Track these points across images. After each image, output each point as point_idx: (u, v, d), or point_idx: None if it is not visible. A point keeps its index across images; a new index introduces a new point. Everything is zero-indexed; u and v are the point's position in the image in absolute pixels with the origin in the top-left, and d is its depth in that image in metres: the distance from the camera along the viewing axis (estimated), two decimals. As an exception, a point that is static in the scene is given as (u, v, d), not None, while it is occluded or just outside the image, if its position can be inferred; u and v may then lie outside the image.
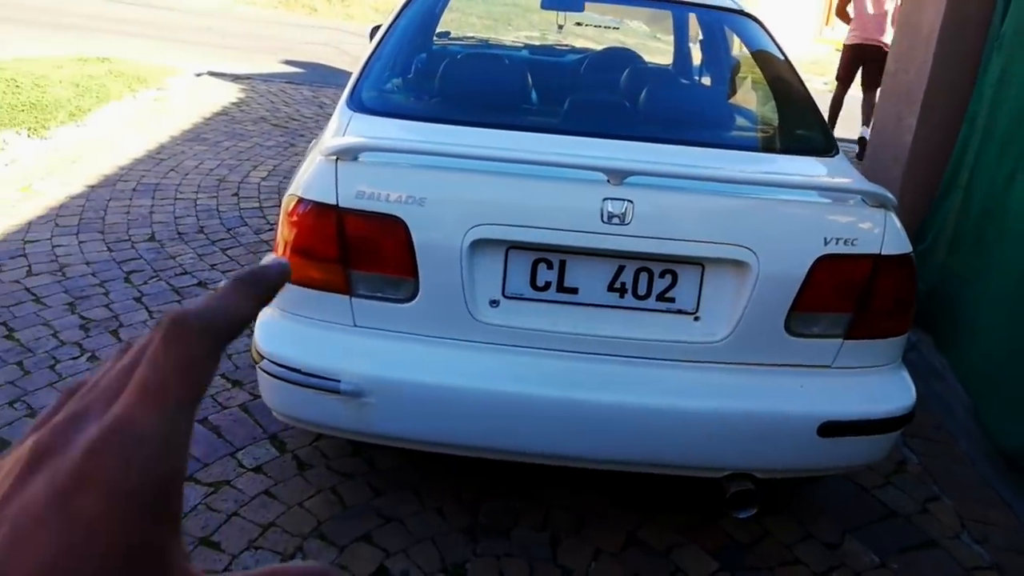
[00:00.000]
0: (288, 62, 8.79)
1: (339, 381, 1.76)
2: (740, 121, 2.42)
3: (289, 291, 1.84)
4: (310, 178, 1.80)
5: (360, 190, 1.74)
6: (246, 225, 3.99)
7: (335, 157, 1.77)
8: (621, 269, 1.81)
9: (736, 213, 1.78)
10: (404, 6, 2.63)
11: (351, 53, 9.12)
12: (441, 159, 1.77)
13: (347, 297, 1.80)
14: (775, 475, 1.94)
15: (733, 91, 2.87)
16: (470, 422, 1.80)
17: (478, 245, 1.76)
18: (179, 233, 3.80)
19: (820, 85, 13.28)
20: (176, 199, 4.23)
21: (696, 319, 1.83)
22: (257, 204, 4.28)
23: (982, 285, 2.92)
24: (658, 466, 1.91)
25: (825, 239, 1.77)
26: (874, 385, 1.89)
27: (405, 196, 1.74)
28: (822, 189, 1.84)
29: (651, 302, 1.83)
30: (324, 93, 7.17)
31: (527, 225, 1.76)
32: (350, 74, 2.33)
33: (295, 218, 1.79)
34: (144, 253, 3.54)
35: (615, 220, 1.73)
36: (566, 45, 4.44)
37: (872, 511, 2.33)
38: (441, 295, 1.78)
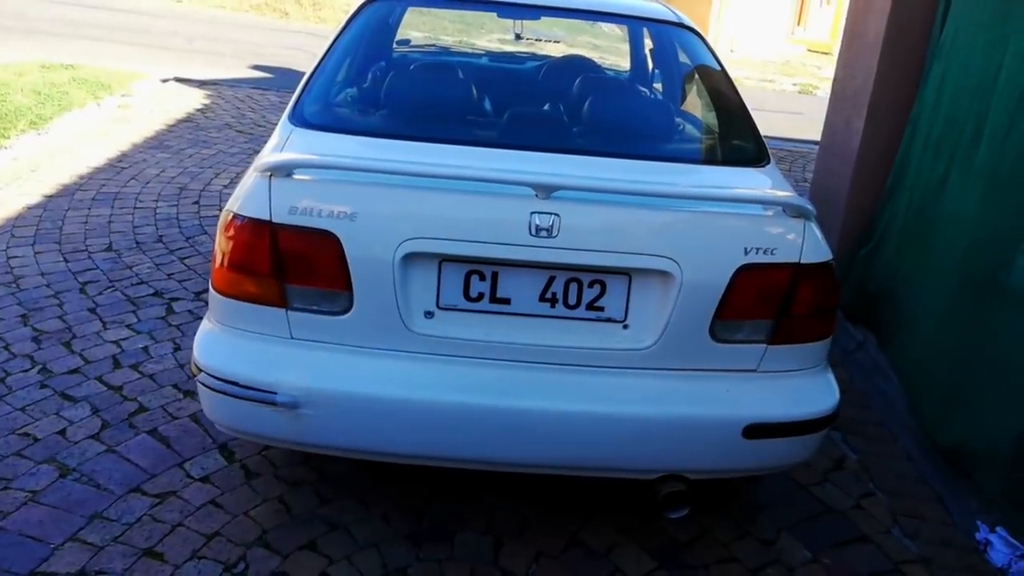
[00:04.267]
0: (256, 67, 8.78)
1: (275, 393, 1.80)
2: (674, 133, 2.48)
3: (226, 305, 1.88)
4: (245, 194, 1.84)
5: (293, 206, 1.78)
6: (205, 234, 4.01)
7: (269, 173, 1.81)
8: (552, 280, 1.86)
9: (659, 225, 1.84)
10: (351, 18, 2.65)
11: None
12: (373, 175, 1.81)
13: (283, 310, 1.84)
14: (704, 476, 2.00)
15: (671, 102, 2.93)
16: (405, 431, 1.85)
17: (411, 258, 1.80)
18: (137, 243, 3.81)
19: (790, 87, 13.45)
20: (136, 208, 4.24)
21: (625, 327, 1.89)
22: (218, 212, 4.29)
23: (919, 285, 3.01)
24: (591, 470, 1.97)
25: (745, 249, 1.83)
26: (798, 388, 1.96)
27: (337, 211, 1.78)
28: (742, 201, 1.90)
29: (581, 311, 1.88)
30: (290, 99, 7.17)
31: (458, 239, 1.80)
32: None
33: (231, 233, 1.83)
34: (100, 263, 3.55)
35: (543, 233, 1.78)
36: (527, 53, 4.50)
37: (808, 508, 2.40)
38: (375, 307, 1.82)
